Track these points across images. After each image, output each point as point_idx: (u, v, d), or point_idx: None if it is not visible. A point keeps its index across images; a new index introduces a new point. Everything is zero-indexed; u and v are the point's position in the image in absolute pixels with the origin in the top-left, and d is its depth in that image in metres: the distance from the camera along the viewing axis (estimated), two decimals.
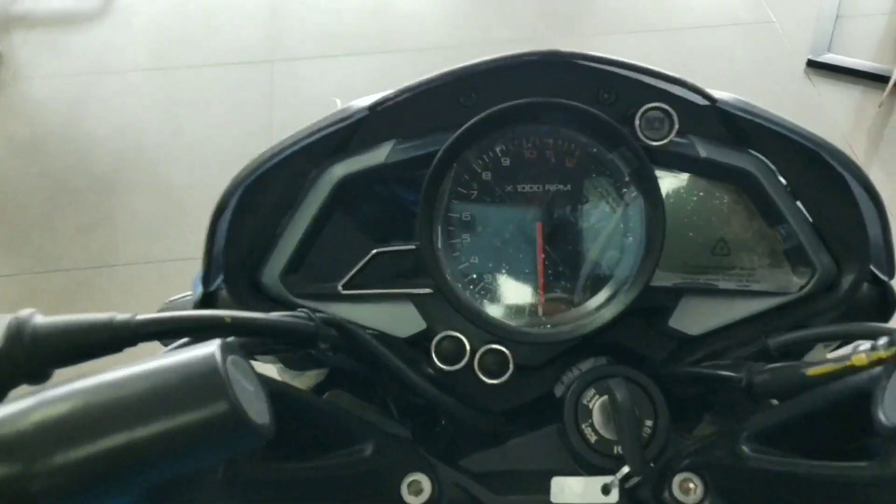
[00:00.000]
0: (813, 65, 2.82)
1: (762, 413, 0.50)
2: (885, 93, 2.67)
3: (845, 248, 0.58)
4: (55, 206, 2.44)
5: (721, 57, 2.89)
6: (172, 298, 0.81)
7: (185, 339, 0.47)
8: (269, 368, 0.67)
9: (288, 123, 2.59)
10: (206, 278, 0.60)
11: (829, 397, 0.46)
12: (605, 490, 0.50)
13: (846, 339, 0.57)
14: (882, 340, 0.45)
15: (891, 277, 0.60)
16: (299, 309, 0.53)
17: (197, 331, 0.46)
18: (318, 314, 0.53)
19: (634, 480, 0.50)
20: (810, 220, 0.58)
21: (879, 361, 0.44)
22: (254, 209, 0.59)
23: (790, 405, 0.49)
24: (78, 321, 0.42)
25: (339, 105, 0.73)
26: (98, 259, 2.30)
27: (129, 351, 0.44)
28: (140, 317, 0.44)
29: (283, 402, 0.42)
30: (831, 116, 2.67)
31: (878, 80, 2.73)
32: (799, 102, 2.72)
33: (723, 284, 0.59)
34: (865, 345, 0.47)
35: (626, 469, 0.49)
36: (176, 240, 2.32)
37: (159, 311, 0.76)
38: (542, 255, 0.58)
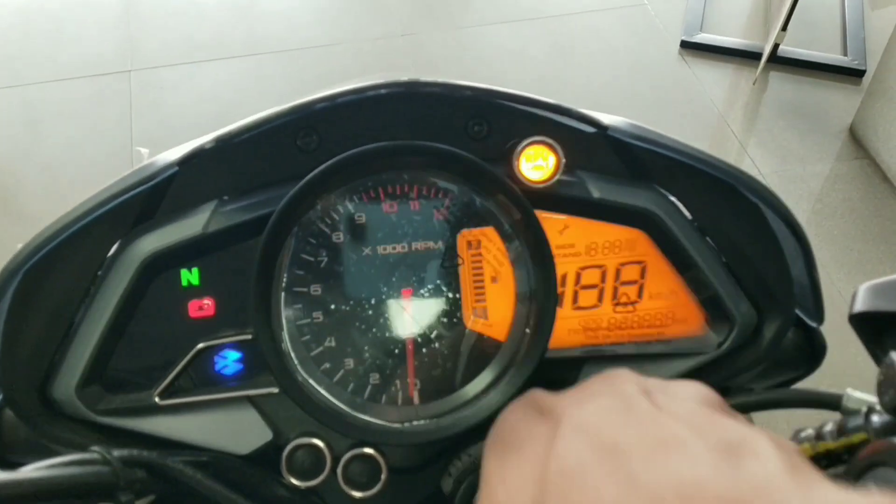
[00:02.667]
0: (686, 45, 2.85)
1: None
2: (759, 69, 2.73)
3: (766, 292, 0.49)
4: None
5: (596, 42, 2.89)
6: None
7: None
8: None
9: (149, 138, 2.44)
10: None
11: None
12: None
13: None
14: (829, 426, 0.37)
15: (820, 322, 0.51)
16: (91, 447, 0.40)
17: None
18: (115, 452, 0.39)
19: None
20: (724, 263, 0.49)
21: (827, 455, 0.36)
22: (37, 303, 0.45)
23: None
24: None
25: (144, 155, 0.60)
26: None
27: None
28: None
29: None
30: (707, 95, 2.70)
31: (750, 56, 2.78)
32: (675, 83, 2.74)
33: (628, 349, 0.50)
34: (809, 429, 0.39)
35: None
36: None
37: None
38: (414, 331, 0.47)
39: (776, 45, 2.69)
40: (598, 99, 2.65)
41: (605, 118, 0.48)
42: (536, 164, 0.46)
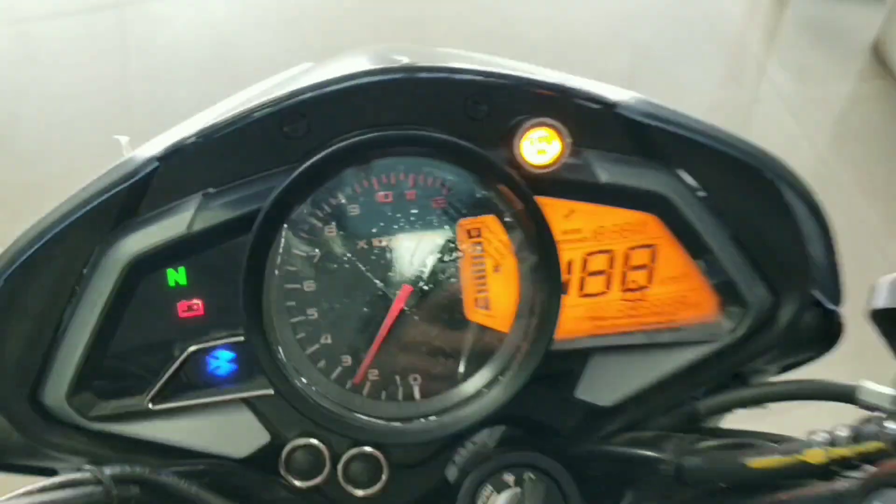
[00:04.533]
0: None
1: None
2: None
3: (784, 274, 0.47)
4: None
5: None
6: None
7: None
8: None
9: (144, 73, 2.42)
10: None
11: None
12: None
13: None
14: (843, 431, 0.35)
15: (838, 304, 0.49)
16: (84, 466, 0.39)
17: None
18: (107, 470, 0.39)
19: None
20: (740, 245, 0.47)
21: (841, 462, 0.35)
22: (21, 309, 0.45)
23: None
24: None
25: (124, 145, 0.58)
26: None
27: None
28: None
29: None
30: (727, 14, 2.62)
31: None
32: (693, 3, 2.64)
33: (637, 338, 0.49)
34: (823, 433, 0.37)
35: None
36: (33, 219, 2.11)
37: None
38: (413, 326, 0.46)
39: None
40: (609, 23, 2.58)
41: (614, 93, 0.45)
42: (540, 147, 0.44)
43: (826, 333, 0.51)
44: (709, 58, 2.52)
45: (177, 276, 0.45)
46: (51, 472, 0.50)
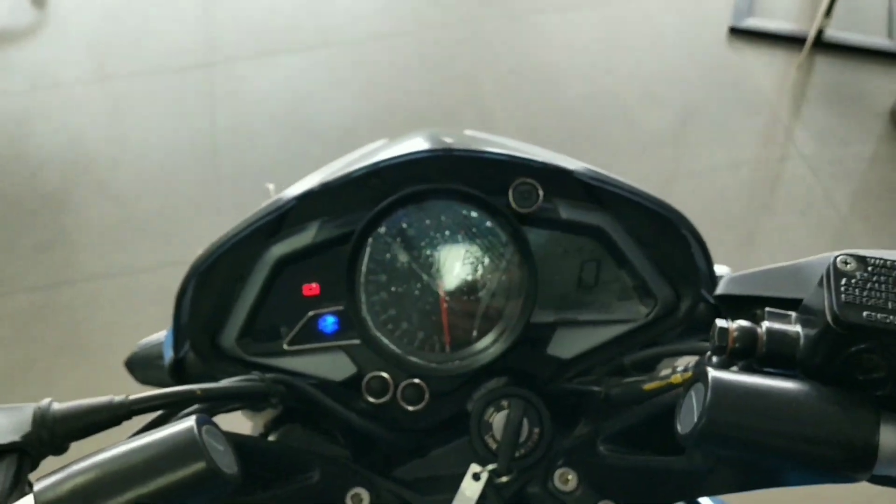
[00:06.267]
0: (735, 31, 2.93)
1: (613, 419, 0.64)
2: (803, 54, 2.80)
3: (681, 280, 0.73)
4: (8, 227, 2.48)
5: (647, 28, 2.99)
6: (145, 341, 0.95)
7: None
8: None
9: (231, 126, 2.67)
10: (176, 345, 0.74)
11: (658, 408, 0.61)
12: (475, 477, 0.65)
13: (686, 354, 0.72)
14: (692, 363, 0.60)
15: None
16: (253, 372, 0.67)
17: (177, 404, 0.60)
18: (267, 375, 0.66)
19: (505, 479, 0.64)
20: (652, 261, 0.72)
21: (686, 380, 0.59)
22: (210, 288, 0.72)
23: (632, 413, 0.63)
24: (85, 405, 0.57)
25: (271, 190, 0.86)
26: (57, 276, 2.35)
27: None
28: (132, 397, 0.58)
29: (246, 451, 0.56)
30: (755, 81, 2.80)
31: (797, 42, 2.85)
32: (723, 69, 2.85)
33: (586, 316, 0.73)
34: (682, 366, 0.63)
35: (494, 465, 0.64)
36: (132, 252, 2.38)
37: (134, 352, 0.91)
38: (445, 305, 0.72)
39: (821, 30, 2.73)
40: (647, 85, 2.76)
41: (573, 164, 0.72)
42: (525, 196, 0.70)
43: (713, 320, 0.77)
44: (739, 119, 2.70)
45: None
46: None
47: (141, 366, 0.97)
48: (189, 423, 0.49)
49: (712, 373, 0.46)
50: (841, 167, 2.57)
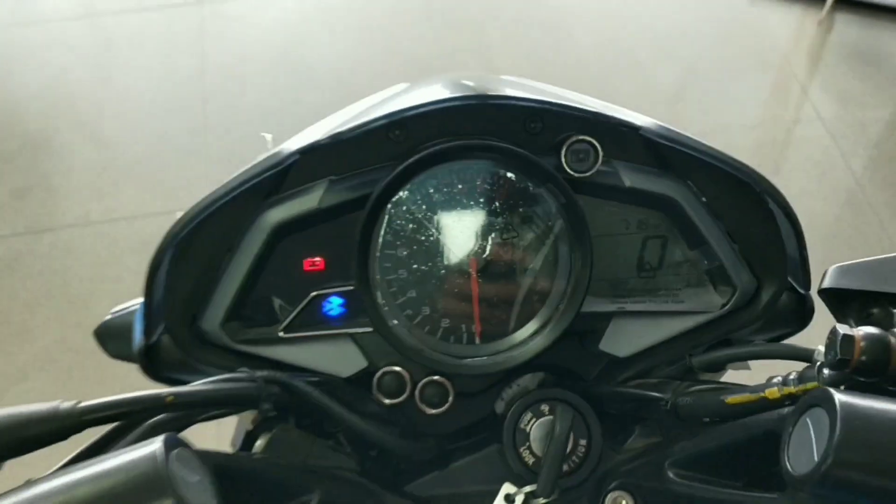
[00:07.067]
0: None
1: (687, 440, 0.53)
2: (824, 10, 2.71)
3: (765, 265, 0.60)
4: None
5: None
6: (120, 308, 0.81)
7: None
8: None
9: (220, 65, 2.56)
10: (148, 328, 0.60)
11: (747, 431, 0.50)
12: (508, 499, 0.55)
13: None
14: (793, 375, 0.49)
15: (807, 290, 0.63)
16: (240, 369, 0.54)
17: (140, 413, 0.48)
18: (258, 372, 0.54)
19: (543, 502, 0.54)
20: (731, 240, 0.60)
21: (790, 396, 0.48)
22: (190, 259, 0.59)
23: (712, 435, 0.52)
24: (22, 414, 0.44)
25: (268, 140, 0.72)
26: (36, 224, 2.25)
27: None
28: (84, 404, 0.46)
29: (229, 476, 0.45)
30: (773, 37, 2.71)
31: None
32: (742, 25, 2.75)
33: (649, 306, 0.62)
34: (779, 377, 0.51)
35: (533, 487, 0.54)
36: (114, 198, 2.28)
37: (106, 320, 0.77)
38: (477, 288, 0.60)
39: None
40: (662, 39, 2.68)
41: (640, 119, 0.59)
42: (580, 157, 0.58)
43: (799, 314, 0.64)
44: (755, 77, 2.62)
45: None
46: None
47: (114, 337, 0.82)
48: (153, 447, 0.39)
49: (839, 397, 0.38)
50: (859, 131, 2.48)
